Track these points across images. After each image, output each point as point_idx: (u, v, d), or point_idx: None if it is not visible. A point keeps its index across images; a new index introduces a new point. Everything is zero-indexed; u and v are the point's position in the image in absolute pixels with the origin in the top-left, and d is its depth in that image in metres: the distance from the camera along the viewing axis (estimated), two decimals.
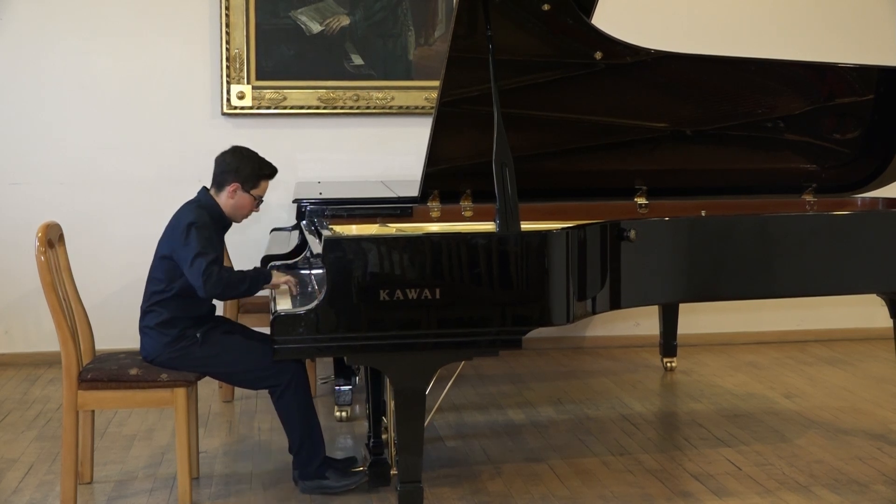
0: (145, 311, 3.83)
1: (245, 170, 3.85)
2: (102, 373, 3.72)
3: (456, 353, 3.60)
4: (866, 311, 6.34)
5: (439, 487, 3.96)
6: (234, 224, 3.99)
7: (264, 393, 4.05)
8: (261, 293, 4.01)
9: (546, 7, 3.86)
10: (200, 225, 3.72)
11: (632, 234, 3.80)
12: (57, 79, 5.88)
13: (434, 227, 4.34)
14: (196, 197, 3.89)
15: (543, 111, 4.31)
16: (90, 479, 4.04)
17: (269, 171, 3.91)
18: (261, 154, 3.95)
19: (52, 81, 5.87)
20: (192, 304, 3.79)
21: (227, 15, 5.88)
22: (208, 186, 3.91)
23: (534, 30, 3.98)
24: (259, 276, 3.80)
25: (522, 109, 4.22)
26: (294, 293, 3.86)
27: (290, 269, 4.38)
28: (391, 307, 3.48)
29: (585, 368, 5.88)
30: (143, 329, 3.83)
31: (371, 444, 4.06)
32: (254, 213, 3.99)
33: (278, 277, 3.85)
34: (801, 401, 5.14)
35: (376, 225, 4.35)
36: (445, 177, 4.26)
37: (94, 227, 5.90)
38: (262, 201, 3.94)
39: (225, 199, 3.86)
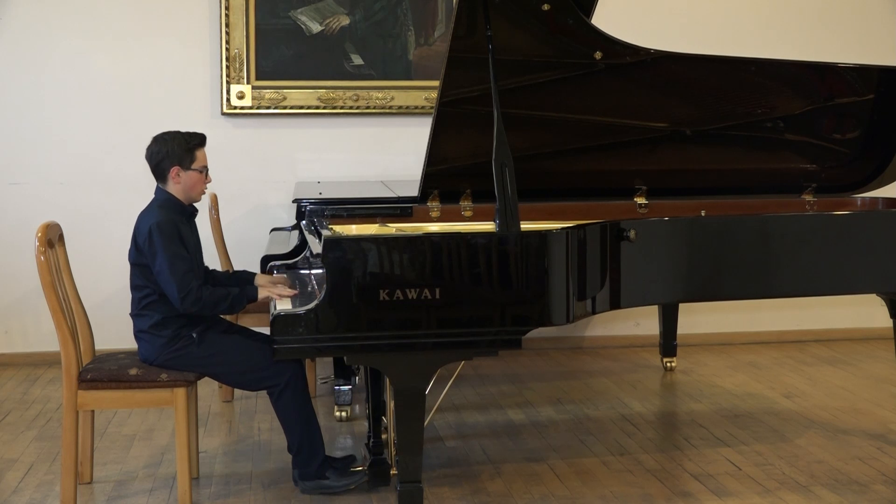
0: (136, 317, 3.80)
1: (175, 149, 3.77)
2: (102, 373, 3.72)
3: (456, 353, 3.60)
4: (866, 311, 6.34)
5: (439, 487, 3.96)
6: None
7: (264, 393, 4.04)
8: None
9: (546, 7, 3.86)
10: (163, 224, 3.66)
11: (632, 234, 3.80)
12: (57, 79, 5.88)
13: (434, 227, 4.34)
14: (154, 198, 3.83)
15: (543, 111, 4.31)
16: (90, 479, 4.04)
17: (197, 140, 3.82)
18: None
19: (53, 81, 5.88)
20: None
21: (226, 15, 5.88)
22: (157, 184, 3.84)
23: (534, 30, 3.98)
24: (242, 297, 3.74)
25: (522, 109, 4.22)
26: (288, 294, 3.83)
27: (290, 269, 4.39)
28: (391, 307, 3.48)
29: (585, 368, 5.88)
30: (138, 335, 3.80)
31: (371, 444, 4.06)
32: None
33: (263, 291, 3.80)
34: (800, 401, 5.14)
35: (376, 225, 4.35)
36: (445, 177, 4.26)
37: (94, 227, 5.90)
38: (207, 170, 3.85)
39: (174, 186, 3.79)
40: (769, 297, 4.92)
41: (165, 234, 3.65)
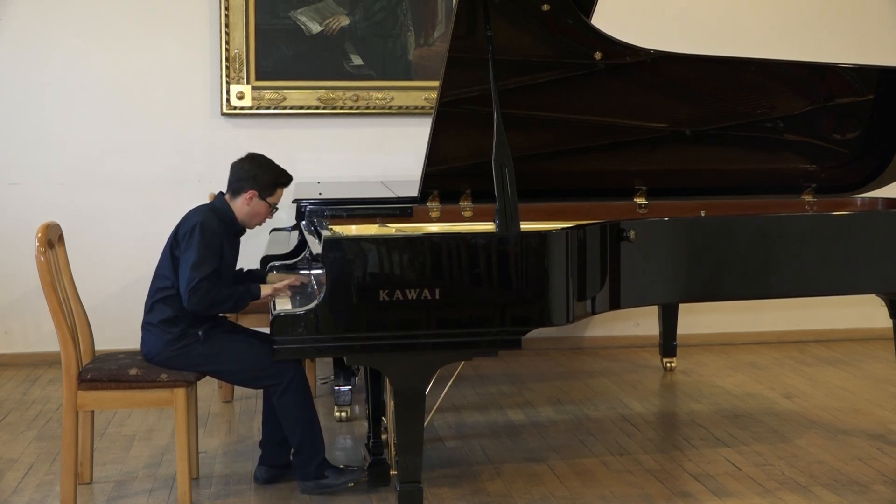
0: (149, 308, 3.83)
1: (263, 178, 3.87)
2: (102, 373, 3.72)
3: (456, 354, 3.61)
4: (866, 311, 6.34)
5: (439, 487, 3.96)
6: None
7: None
8: None
9: (546, 7, 3.86)
10: (207, 228, 3.72)
11: (631, 234, 3.80)
12: (57, 79, 5.88)
13: (434, 228, 4.34)
14: (211, 202, 3.90)
15: (543, 111, 4.31)
16: (90, 479, 4.04)
17: (285, 179, 3.94)
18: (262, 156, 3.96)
19: (53, 81, 5.87)
20: None
21: (226, 15, 5.88)
22: (224, 191, 3.91)
23: (533, 30, 3.98)
24: (247, 294, 3.80)
25: (522, 109, 4.23)
26: (290, 293, 3.87)
27: (290, 270, 4.39)
28: (391, 307, 3.48)
29: (585, 368, 5.88)
30: (146, 326, 3.83)
31: (371, 445, 4.06)
32: None
33: (266, 290, 3.85)
34: (800, 401, 5.14)
35: (376, 225, 4.35)
36: (445, 177, 4.26)
37: (94, 227, 5.90)
38: (276, 209, 3.96)
39: (241, 206, 3.87)
40: (769, 298, 4.92)
41: (206, 237, 3.72)
